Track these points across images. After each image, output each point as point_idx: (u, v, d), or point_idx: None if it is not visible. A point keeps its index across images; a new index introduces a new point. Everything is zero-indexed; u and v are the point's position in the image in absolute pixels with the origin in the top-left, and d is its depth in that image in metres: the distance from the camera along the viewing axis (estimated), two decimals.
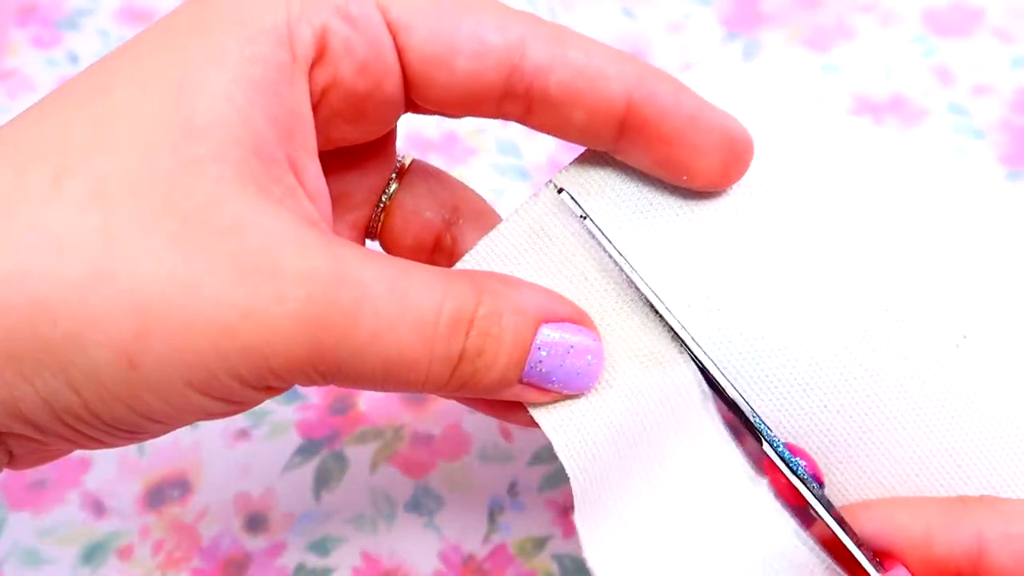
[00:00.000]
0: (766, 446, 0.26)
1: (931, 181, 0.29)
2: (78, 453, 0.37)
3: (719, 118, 0.26)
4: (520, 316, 0.24)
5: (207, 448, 0.38)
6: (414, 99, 0.26)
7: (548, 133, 0.27)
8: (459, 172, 0.44)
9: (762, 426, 0.26)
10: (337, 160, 0.27)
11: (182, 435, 0.38)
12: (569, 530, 0.36)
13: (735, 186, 0.27)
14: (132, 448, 0.38)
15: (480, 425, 0.38)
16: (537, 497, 0.36)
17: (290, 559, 0.35)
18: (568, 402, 0.26)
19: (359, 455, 0.37)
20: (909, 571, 0.25)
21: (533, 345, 0.24)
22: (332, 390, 0.39)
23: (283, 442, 0.38)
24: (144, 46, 0.24)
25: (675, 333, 0.26)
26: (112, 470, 0.37)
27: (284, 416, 0.38)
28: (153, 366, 0.21)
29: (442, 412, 0.38)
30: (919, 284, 0.27)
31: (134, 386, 0.22)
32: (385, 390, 0.24)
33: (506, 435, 0.38)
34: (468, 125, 0.45)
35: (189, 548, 0.36)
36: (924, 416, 0.27)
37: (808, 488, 0.26)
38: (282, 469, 0.37)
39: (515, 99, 0.25)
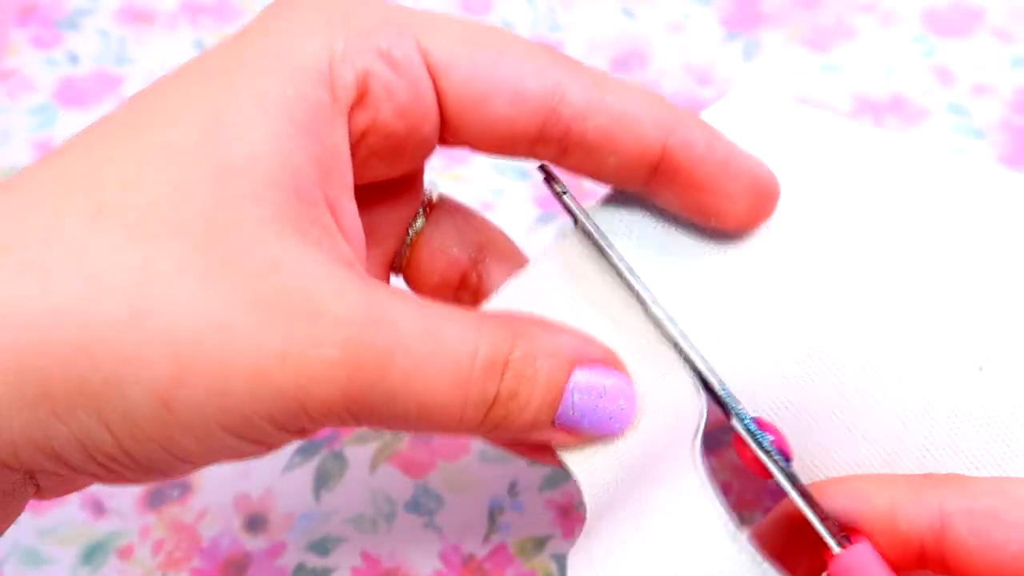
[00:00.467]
0: (734, 420, 0.26)
1: (951, 200, 0.29)
2: None
3: (748, 164, 0.26)
4: (554, 359, 0.24)
5: None
6: (448, 138, 0.26)
7: (580, 174, 0.27)
8: (459, 172, 0.44)
9: (729, 399, 0.26)
10: (366, 195, 0.27)
11: None
12: (569, 530, 0.36)
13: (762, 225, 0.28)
14: None
15: None
16: (537, 497, 0.36)
17: (290, 559, 0.35)
18: (597, 445, 0.26)
19: (359, 455, 0.37)
20: (874, 546, 0.25)
21: (566, 388, 0.24)
22: None
23: None
24: (185, 83, 0.23)
25: (693, 365, 0.26)
26: None
27: None
28: (187, 408, 0.21)
29: None
30: (942, 314, 0.27)
31: (168, 427, 0.22)
32: (418, 432, 0.24)
33: None
34: None
35: (189, 548, 0.36)
36: (949, 442, 0.27)
37: (772, 461, 0.26)
38: (282, 469, 0.37)
39: (550, 143, 0.26)
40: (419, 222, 0.29)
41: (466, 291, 0.30)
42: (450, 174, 0.44)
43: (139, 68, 0.48)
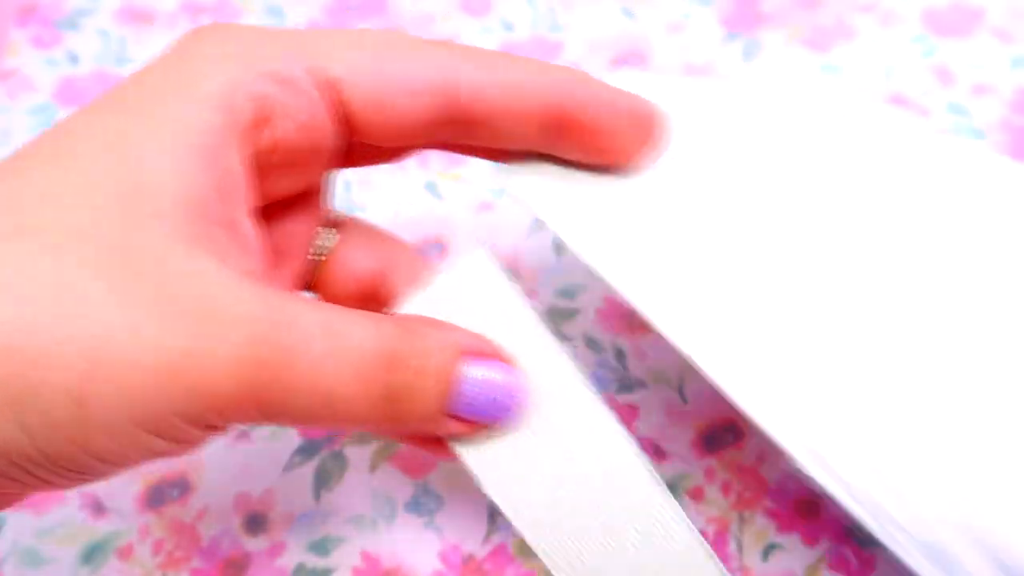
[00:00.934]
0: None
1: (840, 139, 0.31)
2: None
3: (631, 101, 0.29)
4: (445, 352, 0.26)
5: (207, 448, 0.38)
6: (361, 140, 0.28)
7: (482, 147, 0.30)
8: (458, 172, 0.44)
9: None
10: (272, 213, 0.29)
11: None
12: None
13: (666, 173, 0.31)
14: None
15: None
16: None
17: (290, 559, 0.35)
18: (492, 439, 0.27)
19: (359, 455, 0.37)
20: None
21: (457, 380, 0.26)
22: None
23: (283, 442, 0.38)
24: (98, 113, 0.25)
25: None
26: None
27: None
28: (101, 405, 0.22)
29: None
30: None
31: (84, 426, 0.22)
32: (323, 427, 0.25)
33: None
34: None
35: (189, 548, 0.36)
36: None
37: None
38: (282, 469, 0.37)
39: (455, 124, 0.28)
40: (329, 239, 0.31)
41: (376, 306, 0.31)
42: (450, 174, 0.44)
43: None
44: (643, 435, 0.38)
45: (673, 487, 0.37)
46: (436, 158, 0.44)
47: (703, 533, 0.36)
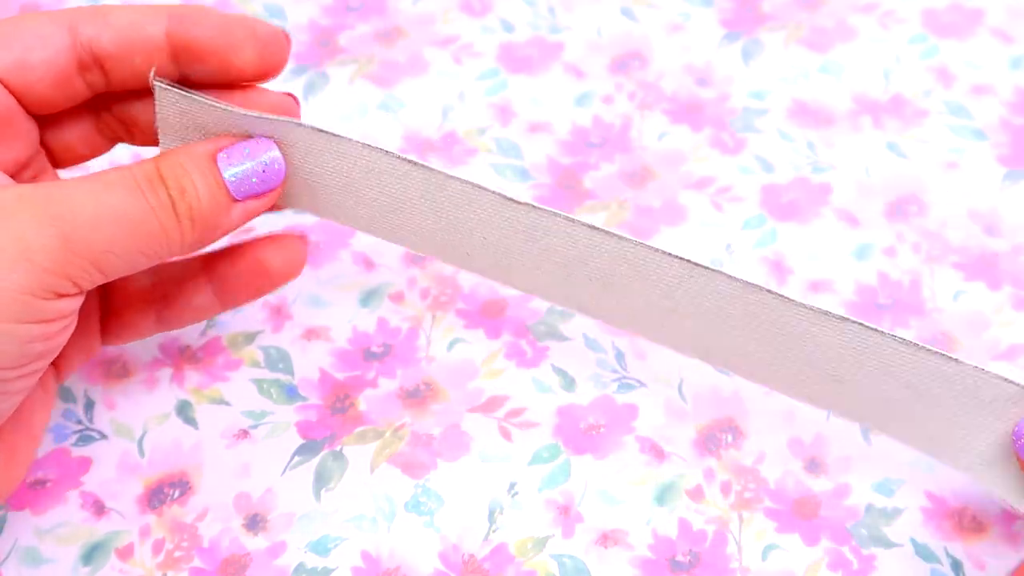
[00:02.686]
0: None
1: None
2: (78, 453, 0.37)
3: (248, 22, 0.33)
4: (194, 152, 0.31)
5: (207, 448, 0.38)
6: (34, 113, 0.32)
7: (125, 85, 0.33)
8: (459, 172, 0.44)
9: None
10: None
11: (182, 435, 0.38)
12: (569, 530, 0.36)
13: None
14: (132, 448, 0.38)
15: (480, 425, 0.38)
16: (537, 497, 0.36)
17: (290, 559, 0.35)
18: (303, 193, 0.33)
19: (359, 455, 0.37)
20: None
21: (219, 166, 0.31)
22: (333, 389, 0.39)
23: (283, 442, 0.38)
24: None
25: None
26: (112, 470, 0.37)
27: (284, 416, 0.38)
28: None
29: (442, 412, 0.38)
30: None
31: None
32: (147, 259, 0.30)
33: (506, 435, 0.38)
34: (468, 125, 0.45)
35: (189, 548, 0.36)
36: None
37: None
38: (282, 469, 0.37)
39: (91, 69, 0.32)
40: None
41: None
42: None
43: None
44: (643, 435, 0.38)
45: (673, 487, 0.37)
46: (436, 158, 0.44)
47: (703, 533, 0.36)
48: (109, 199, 0.29)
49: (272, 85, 0.34)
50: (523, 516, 0.36)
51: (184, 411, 0.38)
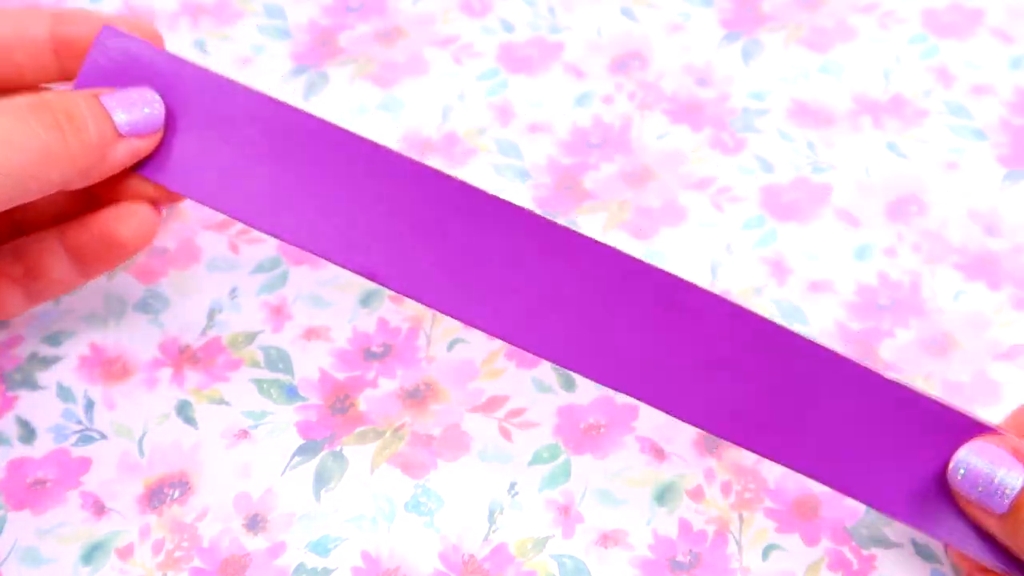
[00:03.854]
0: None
1: None
2: (78, 453, 0.37)
3: (126, 19, 0.36)
4: (76, 93, 0.34)
5: (207, 448, 0.38)
6: None
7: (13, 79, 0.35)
8: (459, 172, 0.44)
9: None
10: None
11: (182, 436, 0.38)
12: (569, 530, 0.36)
13: None
14: (132, 448, 0.38)
15: (480, 425, 0.38)
16: (537, 497, 0.36)
17: (290, 559, 0.35)
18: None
19: (359, 455, 0.37)
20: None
21: (103, 101, 0.34)
22: (333, 389, 0.39)
23: (283, 442, 0.38)
24: None
25: None
26: (112, 470, 0.37)
27: (284, 416, 0.38)
28: None
29: (442, 412, 0.38)
30: None
31: None
32: (38, 184, 0.32)
33: (506, 435, 0.38)
34: (468, 125, 0.45)
35: (189, 548, 0.36)
36: None
37: None
38: (282, 469, 0.37)
39: None
40: None
41: None
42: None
43: None
44: (643, 435, 0.38)
45: (673, 487, 0.37)
46: (436, 158, 0.44)
47: (703, 533, 0.36)
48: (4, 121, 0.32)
49: (272, 85, 0.34)
50: (523, 516, 0.36)
51: (184, 411, 0.38)
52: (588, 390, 0.39)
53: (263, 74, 0.47)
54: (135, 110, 0.34)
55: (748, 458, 0.37)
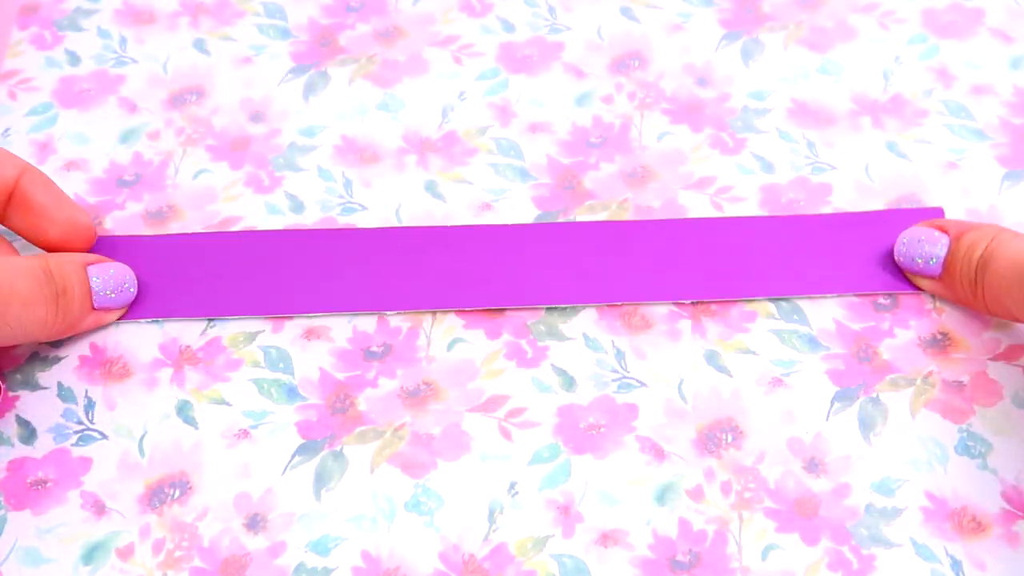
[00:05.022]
0: None
1: None
2: (78, 453, 0.37)
3: (72, 207, 0.40)
4: (75, 261, 0.39)
5: (207, 448, 0.38)
6: None
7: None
8: (459, 172, 0.44)
9: None
10: None
11: (183, 436, 0.38)
12: (569, 530, 0.36)
13: None
14: (132, 448, 0.38)
15: (480, 425, 0.38)
16: (537, 497, 0.37)
17: (290, 559, 0.35)
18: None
19: (359, 455, 0.37)
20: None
21: (90, 279, 0.39)
22: (333, 389, 0.39)
23: (283, 442, 0.38)
24: None
25: None
26: (112, 470, 0.37)
27: (284, 416, 0.38)
28: None
29: (442, 412, 0.38)
30: None
31: None
32: (25, 337, 0.37)
33: (506, 435, 0.38)
34: (468, 125, 0.45)
35: (189, 548, 0.36)
36: None
37: None
38: (282, 469, 0.37)
39: None
40: None
41: None
42: (450, 174, 0.44)
43: (139, 68, 0.48)
44: (643, 435, 0.38)
45: (673, 487, 0.37)
46: (436, 159, 0.44)
47: (703, 533, 0.36)
48: (21, 284, 0.36)
49: (272, 86, 0.34)
50: (523, 516, 0.36)
51: (184, 411, 0.38)
52: (588, 390, 0.39)
53: (263, 74, 0.47)
54: (114, 287, 0.39)
55: (748, 458, 0.37)
